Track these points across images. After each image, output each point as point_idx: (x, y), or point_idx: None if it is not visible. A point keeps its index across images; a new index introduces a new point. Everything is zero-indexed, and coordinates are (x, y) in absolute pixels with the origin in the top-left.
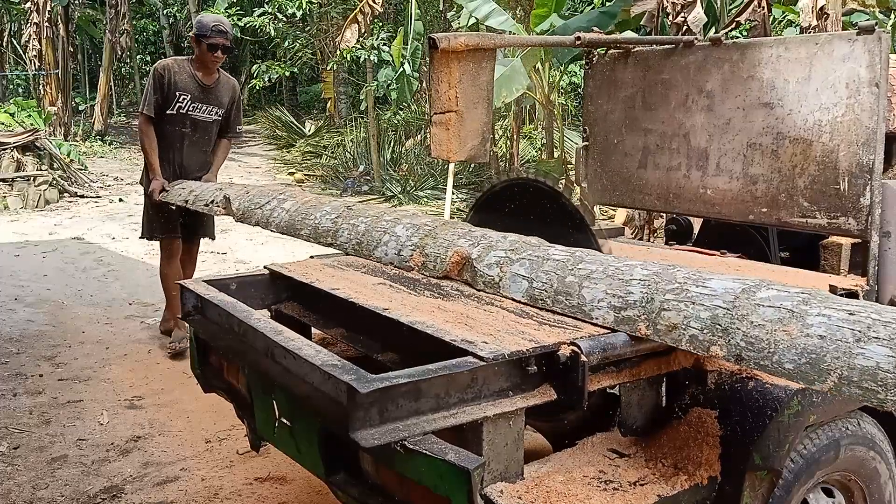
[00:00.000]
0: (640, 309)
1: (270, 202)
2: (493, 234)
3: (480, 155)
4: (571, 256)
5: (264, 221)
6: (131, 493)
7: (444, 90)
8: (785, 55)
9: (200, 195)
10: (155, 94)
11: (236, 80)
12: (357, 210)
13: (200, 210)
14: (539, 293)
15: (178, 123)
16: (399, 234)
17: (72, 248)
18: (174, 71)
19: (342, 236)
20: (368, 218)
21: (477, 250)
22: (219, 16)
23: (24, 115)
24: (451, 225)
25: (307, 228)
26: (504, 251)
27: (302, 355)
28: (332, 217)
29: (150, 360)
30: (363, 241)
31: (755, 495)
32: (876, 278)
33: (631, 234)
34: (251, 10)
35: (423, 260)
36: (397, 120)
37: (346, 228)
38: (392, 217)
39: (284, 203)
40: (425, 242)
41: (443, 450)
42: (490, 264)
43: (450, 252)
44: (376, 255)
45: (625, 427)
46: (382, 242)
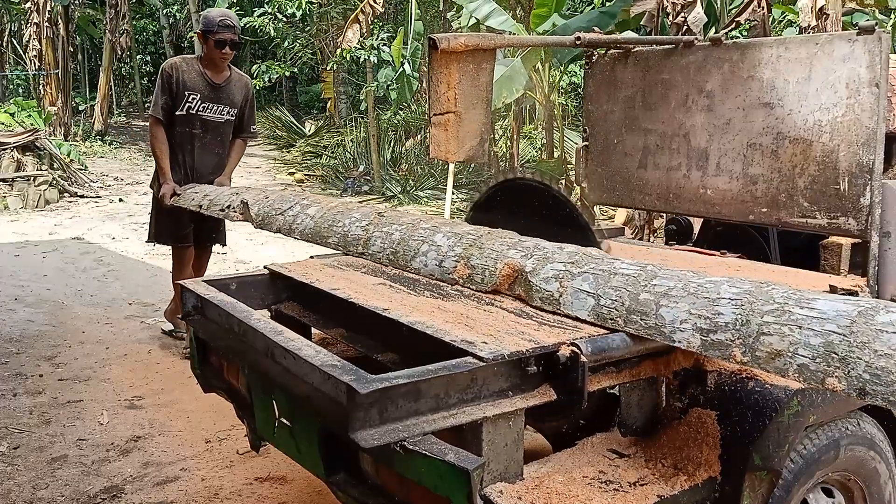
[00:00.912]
0: (733, 332)
1: (293, 208)
2: (547, 245)
3: (479, 155)
4: (642, 270)
5: (286, 228)
6: (131, 493)
7: (443, 91)
8: (785, 55)
9: (215, 200)
10: (163, 95)
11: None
12: (389, 217)
13: (216, 215)
14: (608, 311)
15: (188, 124)
16: (440, 243)
17: (72, 248)
18: (182, 70)
19: (374, 245)
20: (403, 226)
21: (531, 262)
22: (225, 10)
23: (24, 115)
24: (496, 234)
25: (335, 236)
26: (563, 264)
27: (302, 355)
28: (362, 224)
29: (150, 360)
30: (398, 251)
31: (755, 495)
32: (876, 278)
33: (631, 234)
34: (251, 10)
35: (469, 272)
36: (397, 120)
37: (378, 237)
38: (429, 225)
39: (308, 209)
40: (470, 253)
41: (442, 450)
42: (547, 278)
43: (500, 264)
44: (414, 265)
45: (625, 427)
46: (421, 253)
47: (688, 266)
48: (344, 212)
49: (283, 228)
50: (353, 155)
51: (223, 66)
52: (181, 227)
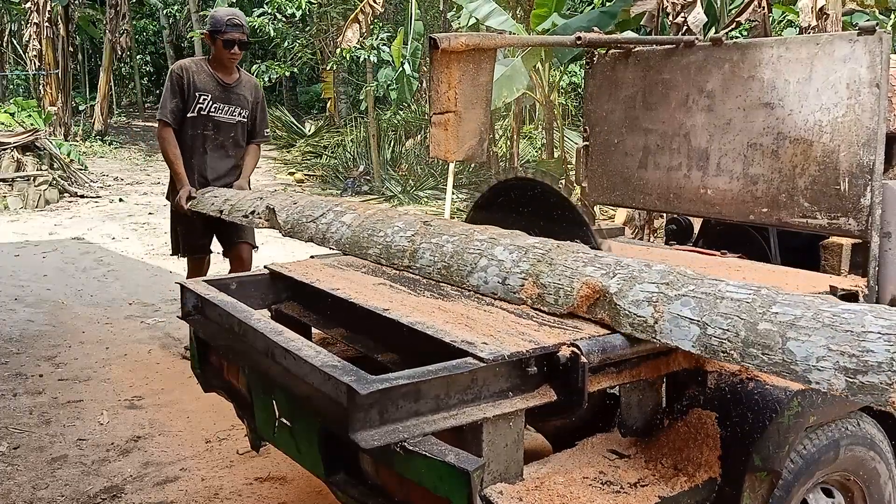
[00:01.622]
0: (889, 375)
1: (326, 215)
2: (631, 262)
3: (478, 155)
4: (756, 295)
5: (319, 237)
6: (131, 493)
7: (443, 91)
8: (786, 55)
9: (237, 205)
10: (174, 99)
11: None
12: (437, 226)
13: (238, 222)
14: (719, 343)
15: (200, 126)
16: (501, 257)
17: (72, 248)
18: (192, 71)
19: (423, 258)
20: (455, 236)
21: (615, 282)
22: (233, 9)
23: (24, 115)
24: (566, 248)
25: (375, 247)
26: (655, 284)
27: (302, 356)
28: (407, 234)
29: (150, 360)
30: (452, 266)
31: (755, 496)
32: (876, 279)
33: (631, 234)
34: (251, 10)
35: (539, 292)
36: (397, 120)
37: (427, 248)
38: (486, 236)
39: (343, 216)
40: (539, 270)
41: (442, 451)
42: (638, 301)
43: (576, 283)
44: (471, 282)
45: (625, 428)
46: (479, 268)
47: (688, 266)
48: (384, 220)
49: (316, 237)
50: (353, 155)
51: (232, 67)
52: (195, 236)
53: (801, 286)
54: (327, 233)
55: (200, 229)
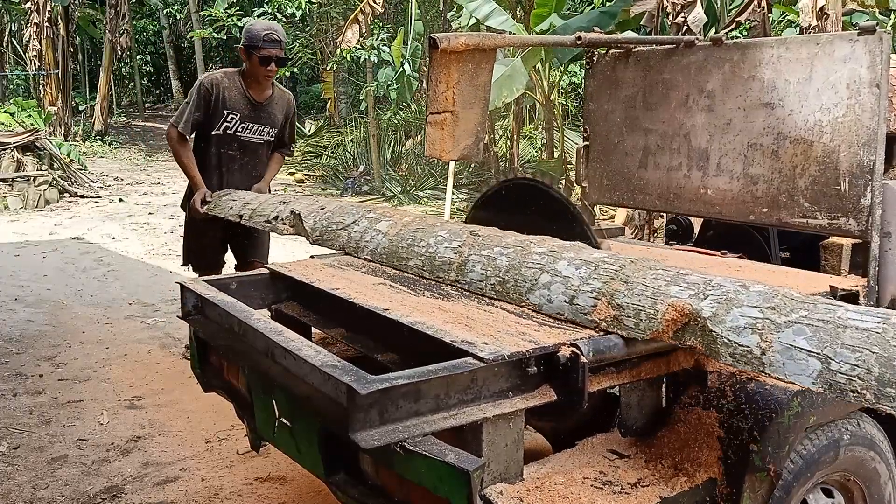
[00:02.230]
0: None
1: (358, 222)
2: (724, 281)
3: (473, 155)
4: (886, 324)
5: (352, 246)
6: (131, 493)
7: (441, 90)
8: (786, 55)
9: (259, 210)
10: (197, 112)
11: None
12: (487, 237)
13: (260, 227)
14: (846, 380)
15: (225, 145)
16: (566, 273)
17: (72, 248)
18: (224, 86)
19: (473, 272)
20: (510, 248)
21: (707, 304)
22: (271, 23)
23: (24, 115)
24: (643, 264)
25: (417, 258)
26: (758, 308)
27: (302, 356)
28: (452, 245)
29: (150, 360)
30: (508, 281)
31: (755, 496)
32: (877, 279)
33: (631, 234)
34: (251, 10)
35: (615, 314)
36: (397, 120)
37: (477, 261)
38: (545, 248)
39: (378, 223)
40: (613, 289)
41: (442, 451)
42: (738, 328)
43: (660, 305)
44: (532, 300)
45: (625, 428)
46: (541, 284)
47: (688, 266)
48: (424, 228)
49: (348, 246)
50: (353, 155)
51: (267, 84)
52: (209, 252)
53: (802, 286)
54: (361, 241)
55: (216, 245)
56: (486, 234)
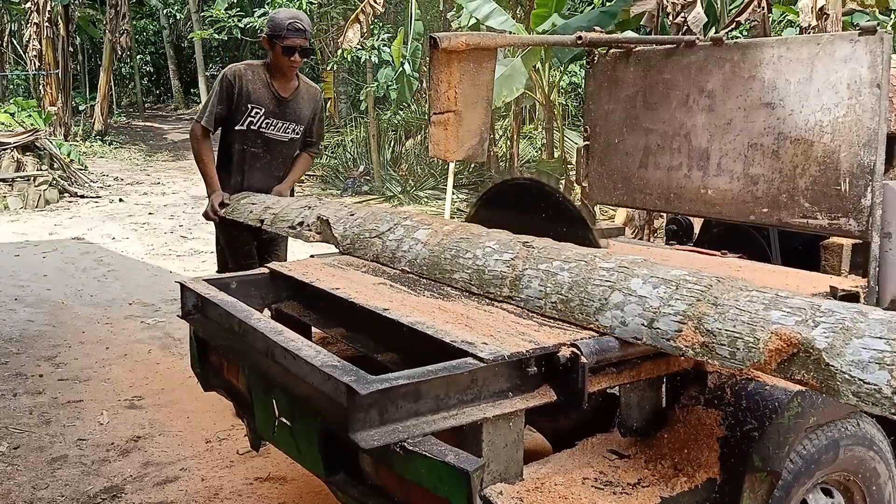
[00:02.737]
0: None
1: (394, 230)
2: (836, 307)
3: (478, 155)
4: None
5: (388, 256)
6: (131, 493)
7: (443, 90)
8: (786, 55)
9: (281, 214)
10: (220, 105)
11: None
12: (542, 248)
13: (283, 233)
14: None
15: (248, 142)
16: (642, 292)
17: (72, 248)
18: (247, 79)
19: (529, 288)
20: (571, 263)
21: (819, 333)
22: (296, 11)
23: (25, 115)
24: (733, 284)
25: (464, 272)
26: (883, 340)
27: (302, 356)
28: (505, 258)
29: (150, 360)
30: (572, 300)
31: (755, 497)
32: (877, 279)
33: (631, 234)
34: (251, 10)
35: (704, 340)
36: (397, 120)
37: (534, 276)
38: (614, 263)
39: (416, 232)
40: (701, 312)
41: (442, 451)
42: (861, 363)
43: (762, 333)
44: (602, 322)
45: (624, 428)
46: (612, 304)
47: (689, 266)
48: (469, 238)
49: (383, 256)
50: (353, 155)
51: (292, 75)
52: (239, 258)
53: (802, 286)
54: (398, 251)
55: (249, 250)
56: (541, 246)
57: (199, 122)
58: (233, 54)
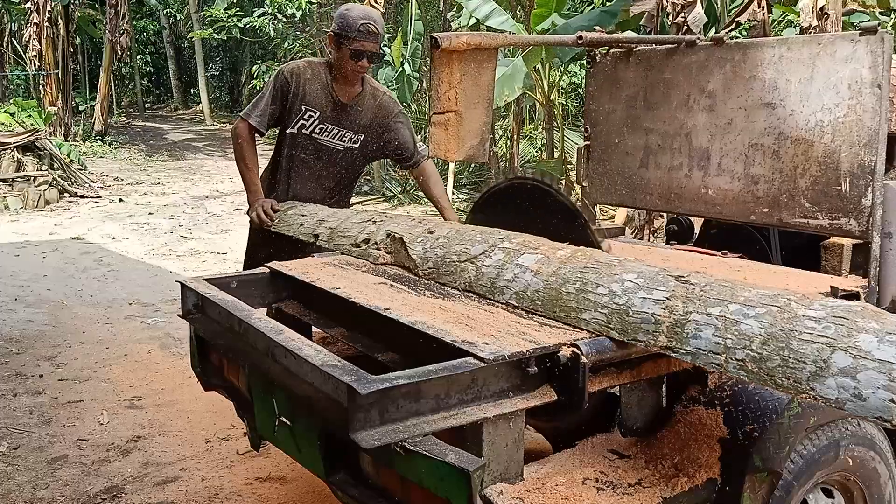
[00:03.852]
0: None
1: (490, 253)
2: None
3: (479, 155)
4: None
5: (485, 286)
6: (131, 493)
7: (444, 90)
8: (787, 55)
9: (340, 229)
10: (272, 104)
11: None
12: (706, 286)
13: (345, 251)
14: None
15: (298, 147)
16: (882, 356)
17: (72, 248)
18: (305, 78)
19: (699, 338)
20: (757, 308)
21: None
22: (370, 11)
23: (25, 115)
24: None
25: (597, 311)
26: None
27: (302, 355)
28: (656, 297)
29: (150, 360)
30: (769, 358)
31: (755, 497)
32: (877, 279)
33: (631, 234)
34: (251, 10)
35: None
36: None
37: (705, 324)
38: (821, 310)
39: (521, 257)
40: None
41: (443, 451)
42: None
43: None
44: (823, 392)
45: (625, 428)
46: (837, 370)
47: (689, 266)
48: (598, 268)
49: (479, 285)
50: None
51: (355, 81)
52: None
53: (802, 287)
54: (499, 280)
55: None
56: (702, 283)
57: (245, 119)
58: (233, 54)
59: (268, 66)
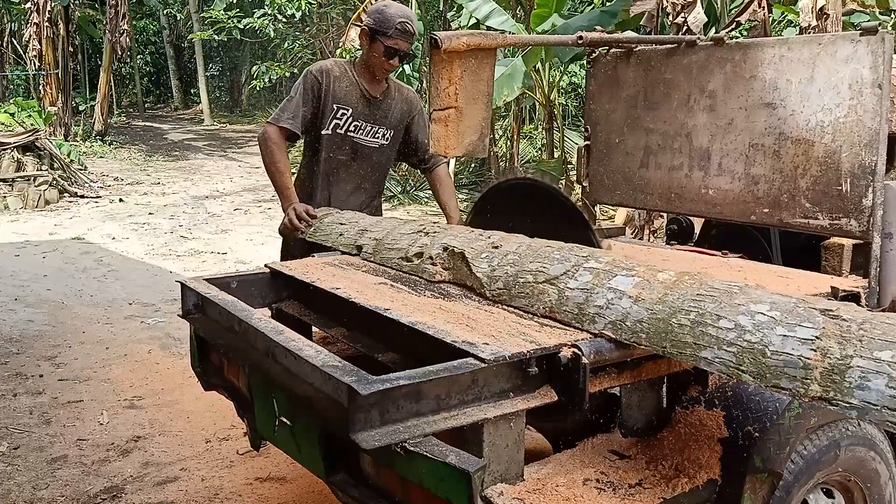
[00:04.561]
0: None
1: (574, 273)
2: None
3: (479, 150)
4: None
5: (572, 312)
6: (131, 493)
7: (444, 87)
8: (788, 55)
9: (387, 241)
10: (304, 106)
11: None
12: (863, 323)
13: (392, 266)
14: None
15: (334, 148)
16: None
17: (72, 248)
18: (334, 76)
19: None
20: None
21: None
22: (406, 10)
23: (25, 115)
24: None
25: (723, 348)
26: None
27: (302, 356)
28: (803, 335)
29: (150, 360)
30: None
31: (755, 497)
32: (878, 280)
33: (631, 234)
34: (251, 11)
35: None
36: None
37: (873, 372)
38: None
39: (613, 279)
40: None
41: (443, 452)
42: None
43: None
44: None
45: (625, 428)
46: None
47: (689, 266)
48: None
49: (563, 310)
50: None
51: (382, 78)
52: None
53: (802, 287)
54: (588, 306)
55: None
56: (858, 318)
57: (274, 123)
58: (233, 54)
59: (268, 66)
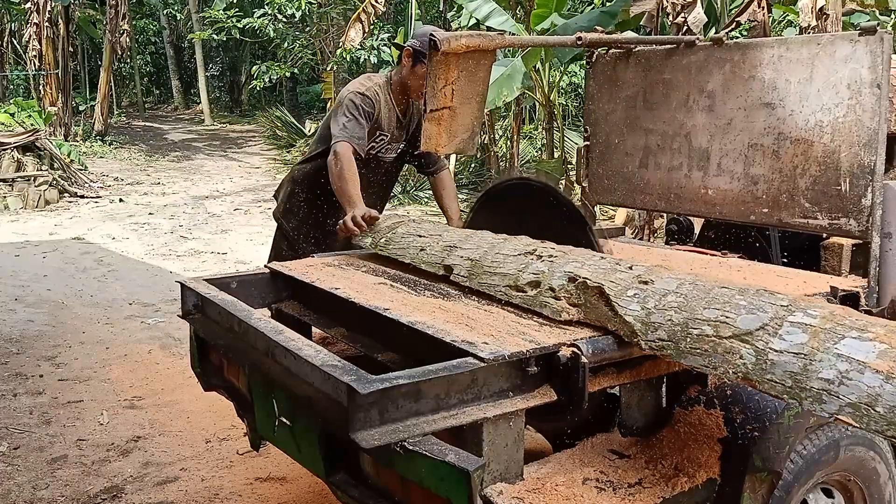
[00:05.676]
0: None
1: (776, 327)
2: None
3: (469, 148)
4: None
5: (783, 384)
6: (131, 494)
7: (440, 87)
8: (787, 55)
9: (488, 265)
10: (360, 126)
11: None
12: None
13: (491, 292)
14: None
15: (367, 168)
16: None
17: (72, 248)
18: (380, 105)
19: None
20: None
21: None
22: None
23: (25, 115)
24: None
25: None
26: None
27: (302, 355)
28: None
29: (150, 360)
30: None
31: (755, 497)
32: (877, 279)
33: (631, 234)
34: (251, 11)
35: None
36: None
37: None
38: None
39: (842, 342)
40: None
41: (443, 451)
42: None
43: None
44: None
45: (625, 428)
46: None
47: (689, 266)
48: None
49: (765, 380)
50: None
51: (418, 100)
52: None
53: (802, 287)
54: (808, 378)
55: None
56: None
57: (347, 141)
58: (233, 54)
59: (268, 66)
